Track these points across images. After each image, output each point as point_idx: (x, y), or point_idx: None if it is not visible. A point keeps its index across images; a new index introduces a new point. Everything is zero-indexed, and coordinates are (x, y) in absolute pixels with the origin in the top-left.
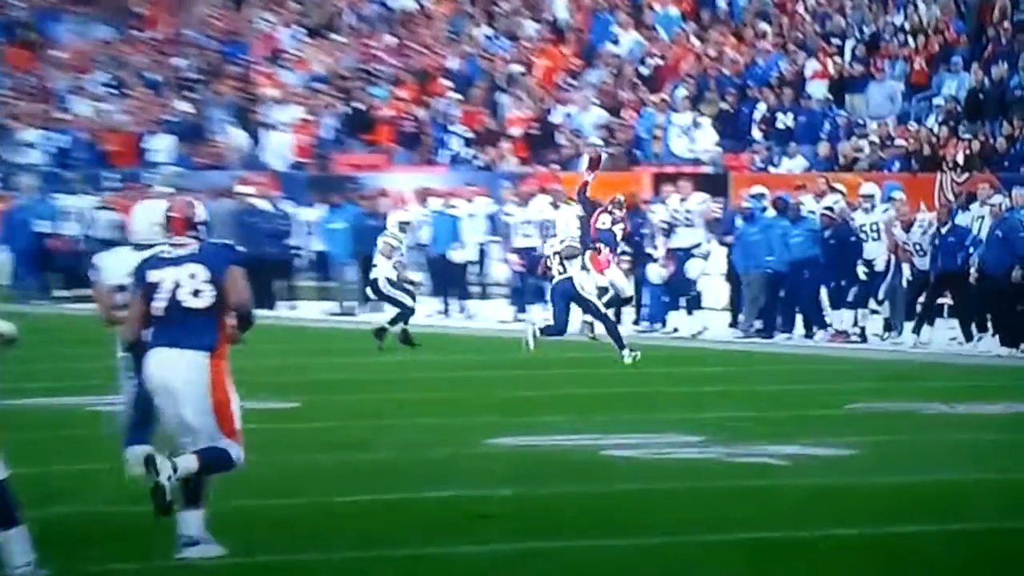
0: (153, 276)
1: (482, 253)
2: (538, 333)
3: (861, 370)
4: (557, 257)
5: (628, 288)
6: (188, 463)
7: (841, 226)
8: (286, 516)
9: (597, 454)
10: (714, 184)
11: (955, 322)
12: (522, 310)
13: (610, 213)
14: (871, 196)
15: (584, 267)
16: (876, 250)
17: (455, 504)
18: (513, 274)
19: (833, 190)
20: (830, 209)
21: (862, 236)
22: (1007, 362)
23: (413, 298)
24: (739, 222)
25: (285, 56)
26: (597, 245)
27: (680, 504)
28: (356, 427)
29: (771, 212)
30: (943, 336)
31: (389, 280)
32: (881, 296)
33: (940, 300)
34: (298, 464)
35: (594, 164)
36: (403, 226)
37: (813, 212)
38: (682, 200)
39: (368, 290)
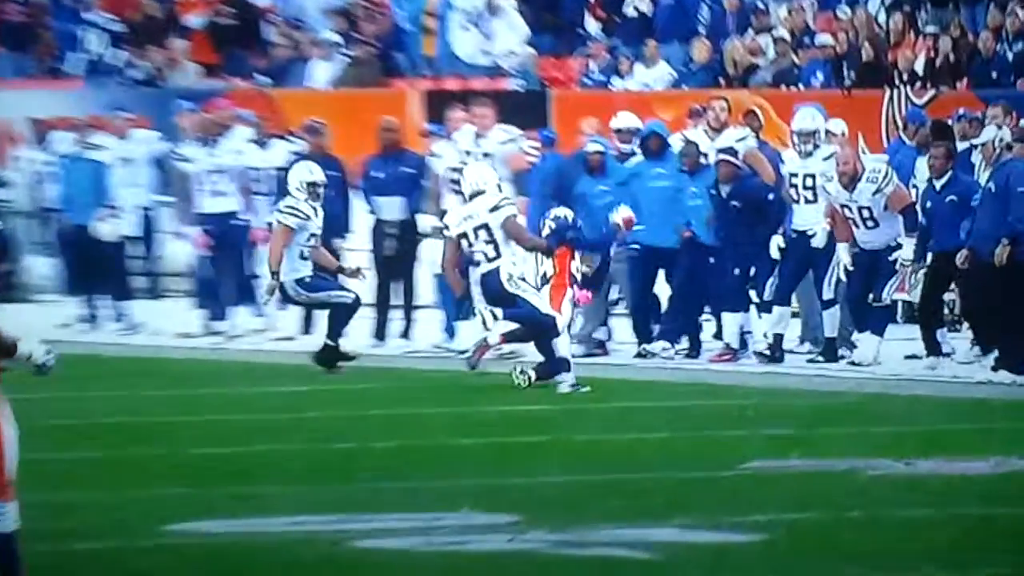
0: None
1: (148, 224)
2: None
3: (771, 407)
4: (483, 232)
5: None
6: None
7: (749, 180)
8: None
9: (344, 545)
10: (526, 108)
11: (912, 329)
12: (219, 316)
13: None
14: (812, 133)
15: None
16: (813, 217)
17: None
18: (200, 259)
19: (751, 116)
20: (730, 152)
21: (791, 195)
22: (995, 392)
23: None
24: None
25: None
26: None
27: None
28: None
29: (635, 159)
30: (895, 352)
31: (301, 282)
32: (830, 292)
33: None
34: None
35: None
36: (312, 190)
37: (706, 156)
38: (477, 136)
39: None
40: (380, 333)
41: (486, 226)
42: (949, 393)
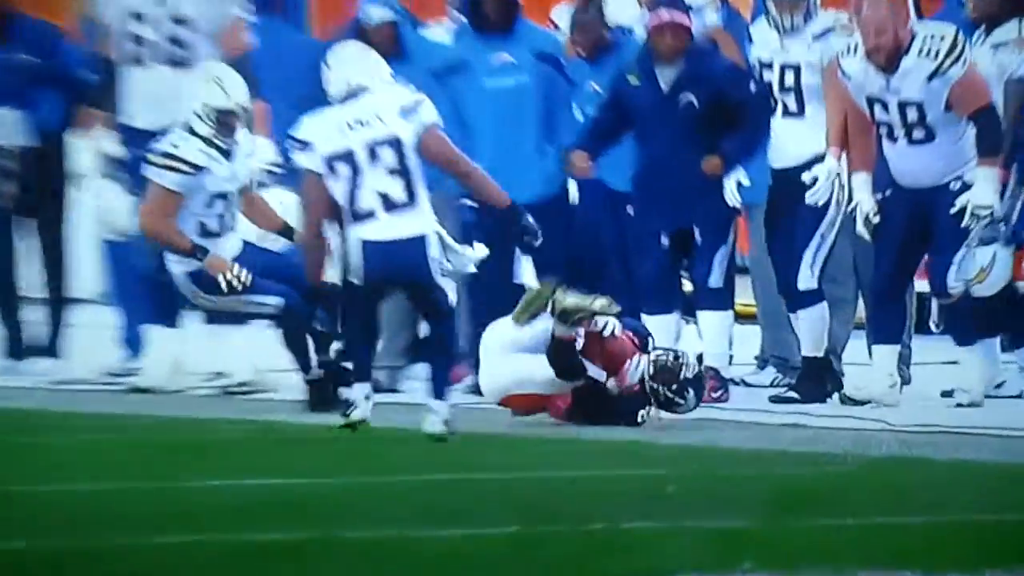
0: None
1: None
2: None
3: (708, 480)
4: (388, 155)
5: None
6: None
7: (713, 59)
8: None
9: None
10: None
11: (949, 345)
12: None
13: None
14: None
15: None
16: (801, 142)
17: None
18: None
19: None
20: (678, 5)
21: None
22: None
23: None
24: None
25: None
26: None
27: None
28: None
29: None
30: (920, 385)
31: (197, 277)
32: (812, 276)
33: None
34: None
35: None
36: (223, 121)
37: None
38: None
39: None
40: (13, 348)
41: (396, 143)
42: (1007, 456)
